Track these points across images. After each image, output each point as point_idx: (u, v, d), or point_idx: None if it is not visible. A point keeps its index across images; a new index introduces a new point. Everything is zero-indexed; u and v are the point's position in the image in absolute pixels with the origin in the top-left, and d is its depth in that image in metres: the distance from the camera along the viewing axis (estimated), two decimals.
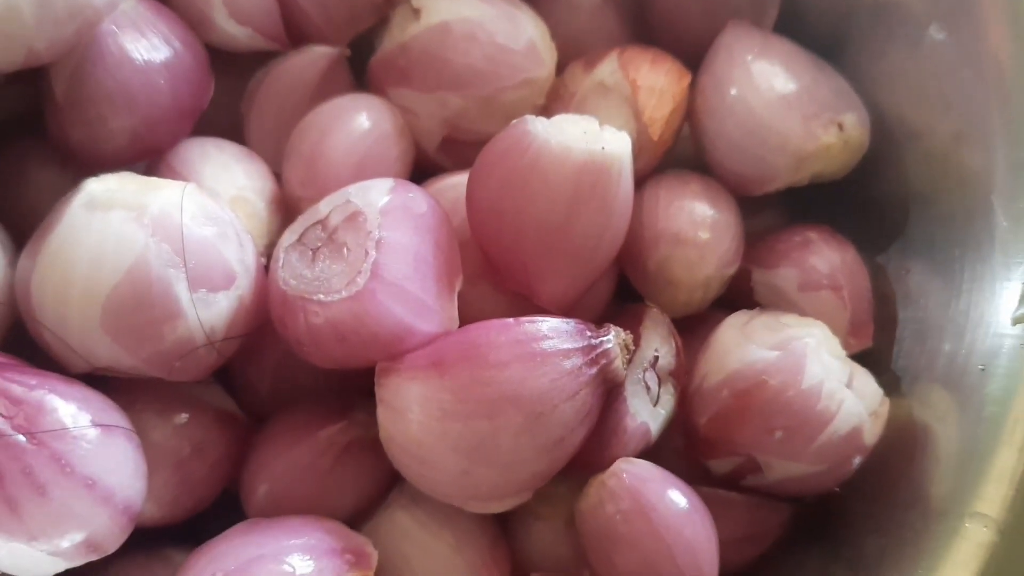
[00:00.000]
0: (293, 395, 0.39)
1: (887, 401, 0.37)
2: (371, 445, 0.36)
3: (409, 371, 0.33)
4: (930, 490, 0.36)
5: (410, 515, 0.37)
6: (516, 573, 0.39)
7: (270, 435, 0.38)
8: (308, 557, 0.33)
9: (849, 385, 0.36)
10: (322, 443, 0.37)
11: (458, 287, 0.37)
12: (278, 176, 0.41)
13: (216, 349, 0.34)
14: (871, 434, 0.36)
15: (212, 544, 0.33)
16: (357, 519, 0.38)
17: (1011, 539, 0.33)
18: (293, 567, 0.32)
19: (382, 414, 0.34)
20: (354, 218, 0.34)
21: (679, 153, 0.43)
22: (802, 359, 0.36)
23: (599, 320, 0.37)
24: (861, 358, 0.39)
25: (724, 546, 0.36)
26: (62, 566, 0.31)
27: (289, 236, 0.35)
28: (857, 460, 0.37)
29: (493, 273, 0.38)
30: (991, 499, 0.34)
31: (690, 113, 0.42)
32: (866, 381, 0.37)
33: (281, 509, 0.36)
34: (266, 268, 0.35)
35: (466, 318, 0.36)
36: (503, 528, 0.39)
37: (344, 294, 0.32)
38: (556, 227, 0.35)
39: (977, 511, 0.34)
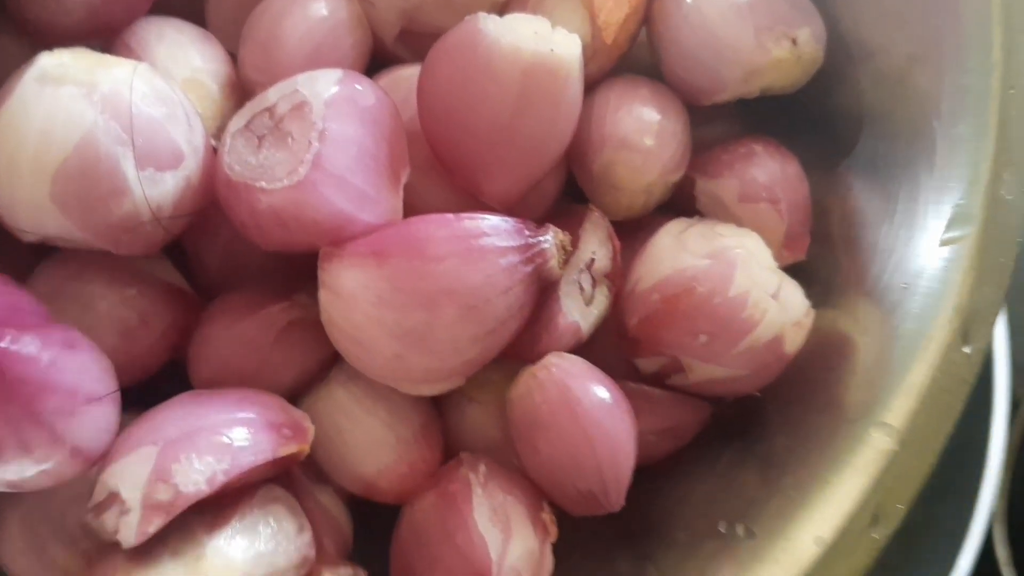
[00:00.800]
0: (241, 274, 0.40)
1: (812, 313, 0.39)
2: (312, 325, 0.38)
3: (350, 258, 0.35)
4: (844, 398, 0.38)
5: (347, 391, 0.39)
6: (448, 453, 0.41)
7: (216, 311, 0.39)
8: (246, 430, 0.35)
9: (776, 296, 0.37)
10: (264, 321, 0.38)
11: (404, 179, 0.38)
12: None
13: (163, 226, 0.35)
14: (792, 343, 0.38)
15: (153, 412, 0.35)
16: (298, 394, 0.40)
17: (911, 449, 0.35)
18: (231, 439, 0.34)
19: (323, 296, 0.36)
20: (300, 108, 0.35)
21: (637, 59, 0.43)
22: (731, 268, 0.37)
23: (544, 218, 0.38)
24: (795, 270, 0.41)
25: (645, 438, 0.39)
26: None
27: (237, 121, 0.36)
28: (778, 367, 0.38)
29: (442, 167, 0.39)
30: (898, 410, 0.35)
31: (647, 18, 0.42)
32: (793, 293, 0.38)
33: (224, 381, 0.38)
34: (216, 151, 0.36)
35: (414, 209, 0.37)
36: (438, 410, 0.41)
37: (286, 183, 0.33)
38: (502, 126, 0.36)
39: (883, 421, 0.35)
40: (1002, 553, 0.66)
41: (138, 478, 0.32)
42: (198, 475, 0.33)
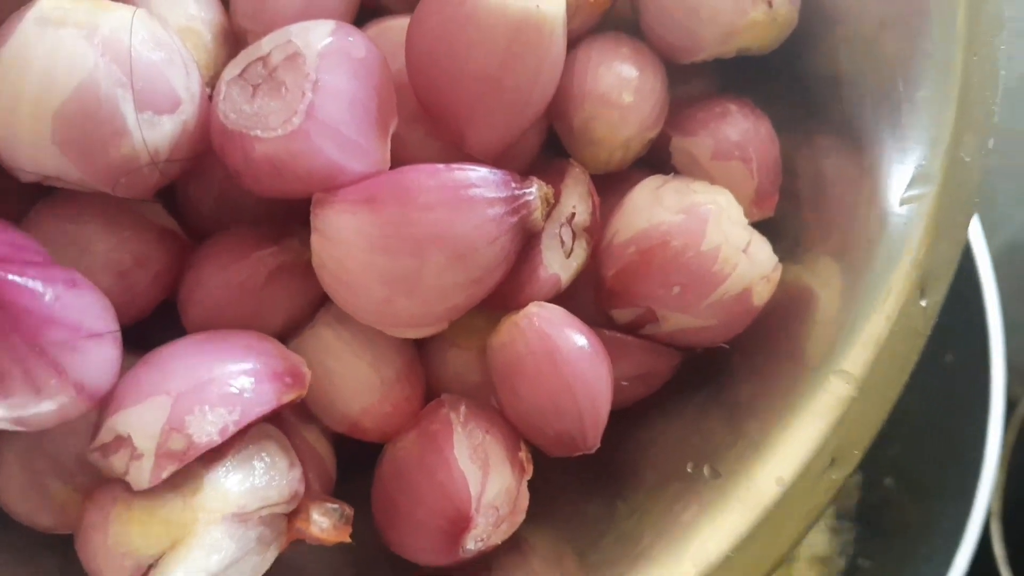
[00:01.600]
0: (233, 218, 0.41)
1: (779, 267, 0.41)
2: (301, 269, 0.39)
3: (343, 204, 0.36)
4: (806, 347, 0.40)
5: (334, 333, 0.40)
6: (431, 395, 0.42)
7: (207, 254, 0.40)
8: (253, 380, 0.36)
9: (745, 251, 0.39)
10: (254, 264, 0.39)
11: (392, 129, 0.39)
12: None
13: (159, 170, 0.36)
14: (760, 296, 0.40)
15: (159, 358, 0.36)
16: (287, 334, 0.41)
17: (868, 397, 0.37)
18: (240, 390, 0.35)
19: (315, 241, 0.37)
20: (294, 59, 0.35)
21: (621, 15, 0.44)
22: (704, 224, 0.39)
23: (526, 170, 0.40)
24: (764, 226, 0.43)
25: (618, 384, 0.41)
26: None
27: (231, 70, 0.36)
28: (746, 319, 0.40)
29: (428, 118, 0.40)
30: (856, 359, 0.38)
31: None
32: (762, 248, 0.40)
33: (216, 323, 0.39)
34: (210, 98, 0.37)
35: (401, 158, 0.38)
36: (421, 353, 0.43)
37: (280, 132, 0.35)
38: (488, 79, 0.37)
39: (843, 369, 0.37)
40: (999, 551, 0.70)
41: (152, 427, 0.34)
42: (211, 426, 0.34)
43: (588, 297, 0.42)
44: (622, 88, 0.41)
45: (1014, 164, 0.91)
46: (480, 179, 0.36)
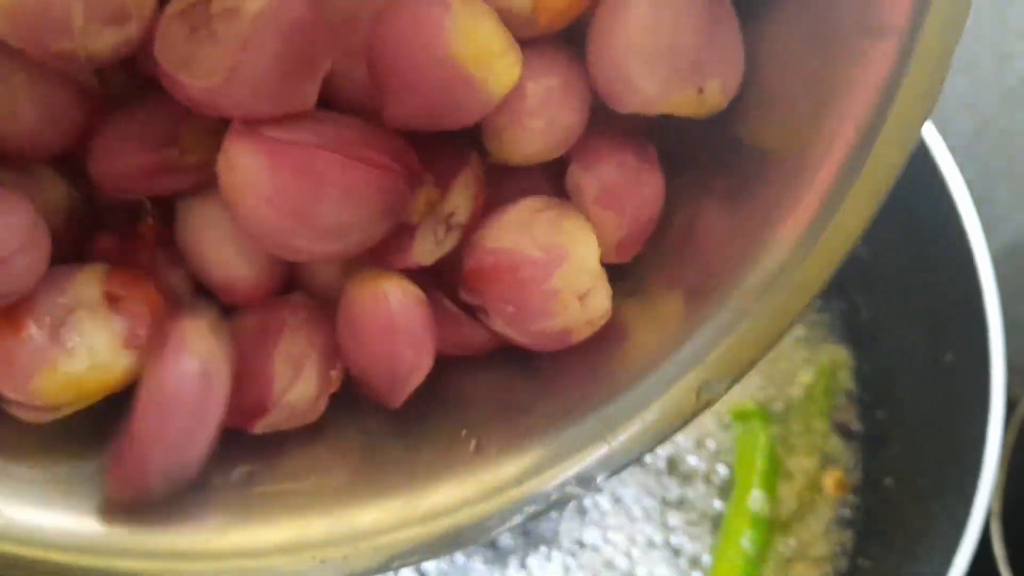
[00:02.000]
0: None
1: (607, 316, 0.46)
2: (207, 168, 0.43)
3: (254, 144, 0.40)
4: (607, 371, 0.46)
5: (219, 214, 0.45)
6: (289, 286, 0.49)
7: (123, 131, 0.44)
8: None
9: (583, 298, 0.44)
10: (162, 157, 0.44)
11: (324, 71, 0.41)
12: None
13: (93, 65, 0.39)
14: (578, 336, 0.46)
15: None
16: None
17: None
18: None
19: (222, 162, 0.40)
20: (232, 14, 0.38)
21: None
22: (556, 266, 0.44)
23: (432, 136, 0.43)
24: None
25: (442, 346, 0.47)
26: None
27: (176, 4, 0.39)
28: (561, 347, 0.46)
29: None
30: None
31: (592, 9, 0.44)
32: (599, 299, 0.45)
33: (121, 185, 0.44)
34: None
35: (331, 84, 0.42)
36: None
37: (204, 84, 0.38)
38: (421, 96, 0.41)
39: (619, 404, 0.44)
40: (999, 551, 0.71)
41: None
42: None
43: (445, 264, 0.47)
44: (537, 113, 0.44)
45: (1014, 164, 0.92)
46: (379, 172, 0.41)
